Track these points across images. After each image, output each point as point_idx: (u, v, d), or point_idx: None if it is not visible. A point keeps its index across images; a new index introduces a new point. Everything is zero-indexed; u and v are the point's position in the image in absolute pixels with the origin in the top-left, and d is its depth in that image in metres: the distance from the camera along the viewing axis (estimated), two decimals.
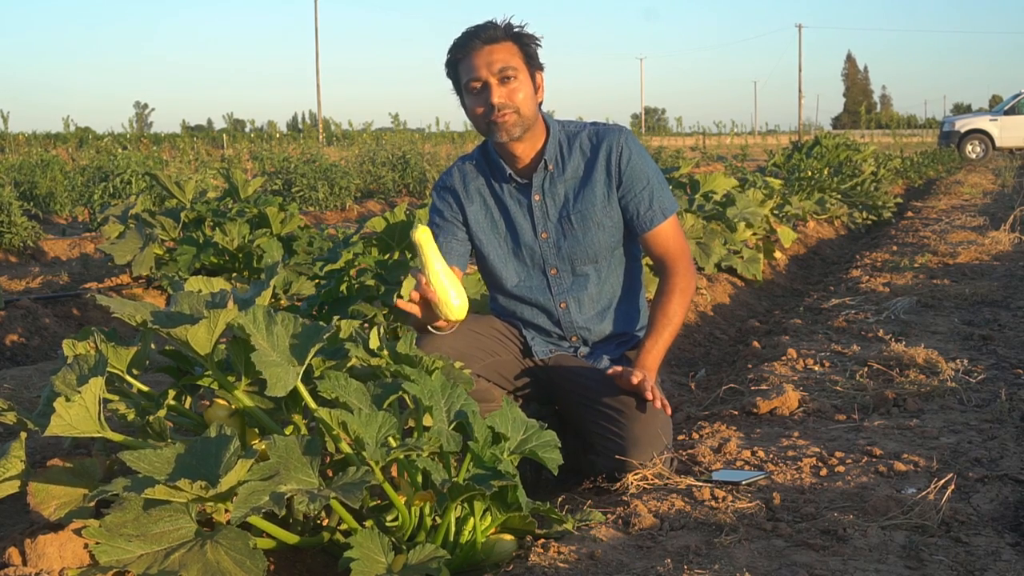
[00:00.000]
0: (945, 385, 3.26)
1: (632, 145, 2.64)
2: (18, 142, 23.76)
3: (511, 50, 2.53)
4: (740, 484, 2.42)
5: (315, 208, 12.93)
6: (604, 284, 2.69)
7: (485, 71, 2.51)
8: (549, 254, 2.67)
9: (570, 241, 2.64)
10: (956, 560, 1.97)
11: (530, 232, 2.67)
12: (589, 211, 2.62)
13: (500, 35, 2.53)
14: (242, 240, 5.66)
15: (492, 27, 2.53)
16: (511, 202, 2.68)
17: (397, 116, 27.64)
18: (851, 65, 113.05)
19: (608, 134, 2.65)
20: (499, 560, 2.07)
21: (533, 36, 2.59)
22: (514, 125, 2.55)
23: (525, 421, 2.18)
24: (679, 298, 2.64)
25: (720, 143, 41.40)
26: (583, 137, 2.67)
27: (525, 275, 2.69)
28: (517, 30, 2.55)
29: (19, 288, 6.35)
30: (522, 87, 2.53)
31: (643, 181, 2.63)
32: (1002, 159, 22.89)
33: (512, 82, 2.52)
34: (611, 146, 2.63)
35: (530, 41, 2.57)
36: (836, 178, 10.46)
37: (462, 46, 2.54)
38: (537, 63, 2.59)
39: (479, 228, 2.71)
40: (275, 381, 1.93)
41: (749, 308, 5.69)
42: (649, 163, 2.68)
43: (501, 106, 2.52)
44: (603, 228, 2.64)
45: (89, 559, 1.90)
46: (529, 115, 2.56)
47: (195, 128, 40.29)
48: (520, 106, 2.53)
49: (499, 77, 2.51)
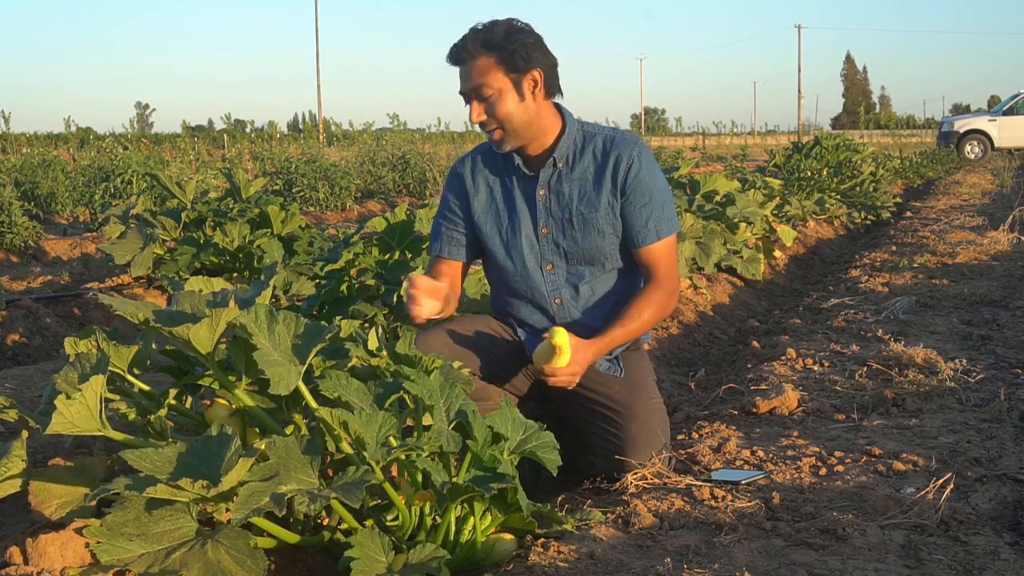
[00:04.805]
0: (944, 385, 3.27)
1: (643, 160, 2.60)
2: (19, 142, 23.75)
3: (486, 64, 2.48)
4: (740, 484, 2.43)
5: (315, 208, 12.94)
6: (600, 285, 2.68)
7: (465, 88, 2.52)
8: (547, 249, 2.67)
9: (569, 241, 2.64)
10: (955, 559, 1.97)
11: (531, 225, 2.66)
12: (591, 216, 2.61)
13: (475, 51, 2.48)
14: (242, 240, 5.66)
15: (468, 42, 2.49)
16: (517, 192, 2.67)
17: (397, 116, 27.61)
18: (850, 66, 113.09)
19: (622, 144, 2.61)
20: (499, 560, 2.08)
21: (519, 36, 2.49)
22: (501, 139, 2.56)
23: (524, 421, 2.19)
24: (651, 308, 2.60)
25: (720, 143, 41.41)
26: (597, 141, 2.63)
27: (522, 267, 2.69)
28: (495, 38, 2.47)
29: (20, 288, 6.36)
30: (503, 101, 2.50)
31: (645, 197, 2.60)
32: (1001, 159, 22.88)
33: (490, 98, 2.50)
34: (620, 156, 2.59)
35: (511, 45, 2.47)
36: (835, 178, 10.47)
37: (448, 58, 2.54)
38: (526, 65, 2.50)
39: (482, 216, 2.71)
40: (277, 380, 1.93)
41: (749, 308, 5.70)
42: (658, 181, 2.63)
43: (482, 124, 2.54)
44: (603, 235, 2.62)
45: (90, 558, 1.90)
46: (519, 124, 2.54)
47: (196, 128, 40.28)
48: (503, 121, 2.52)
49: (476, 95, 2.51)
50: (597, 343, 2.53)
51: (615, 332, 2.56)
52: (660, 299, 2.62)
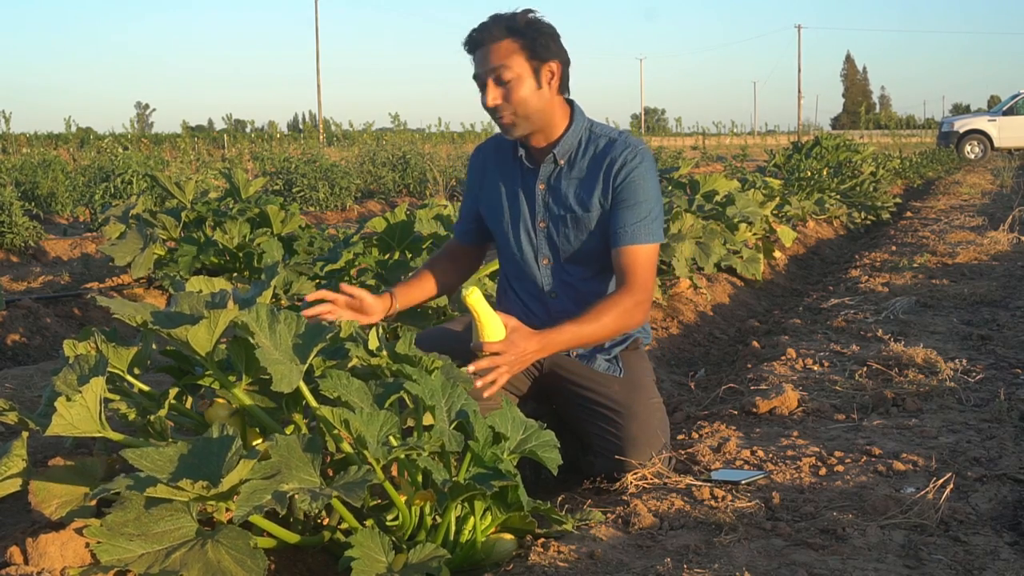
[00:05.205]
0: (944, 385, 3.27)
1: (639, 165, 2.55)
2: (20, 142, 23.74)
3: (509, 48, 2.48)
4: (739, 483, 2.43)
5: (316, 208, 12.94)
6: (595, 285, 2.67)
7: (483, 70, 2.50)
8: (543, 244, 2.67)
9: (562, 239, 2.64)
10: (955, 559, 1.97)
11: (529, 218, 2.67)
12: (584, 217, 2.60)
13: (499, 33, 2.48)
14: (243, 240, 5.66)
15: (491, 24, 2.50)
16: (520, 183, 2.68)
17: (397, 116, 27.57)
18: (850, 66, 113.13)
19: (622, 147, 2.57)
20: (499, 559, 2.08)
21: (540, 26, 2.50)
22: (512, 125, 2.54)
23: (524, 421, 2.19)
24: (614, 312, 2.47)
25: (720, 143, 41.41)
26: (600, 142, 2.60)
27: (521, 257, 2.70)
28: (521, 24, 2.48)
29: (20, 288, 6.35)
30: (520, 86, 2.49)
31: (631, 200, 2.54)
32: (1001, 159, 22.89)
33: (508, 82, 2.49)
34: (615, 158, 2.56)
35: (535, 33, 2.49)
36: (835, 178, 10.47)
37: (466, 42, 2.54)
38: (546, 55, 2.50)
39: (489, 204, 2.74)
40: (280, 378, 1.93)
41: (749, 308, 5.70)
42: (649, 189, 2.56)
43: (496, 108, 2.51)
44: (594, 237, 2.60)
45: (90, 558, 1.90)
46: (533, 112, 2.52)
47: (196, 128, 40.26)
48: (517, 106, 2.50)
49: (494, 77, 2.49)
50: (547, 335, 2.37)
51: (568, 328, 2.42)
52: (627, 305, 2.49)
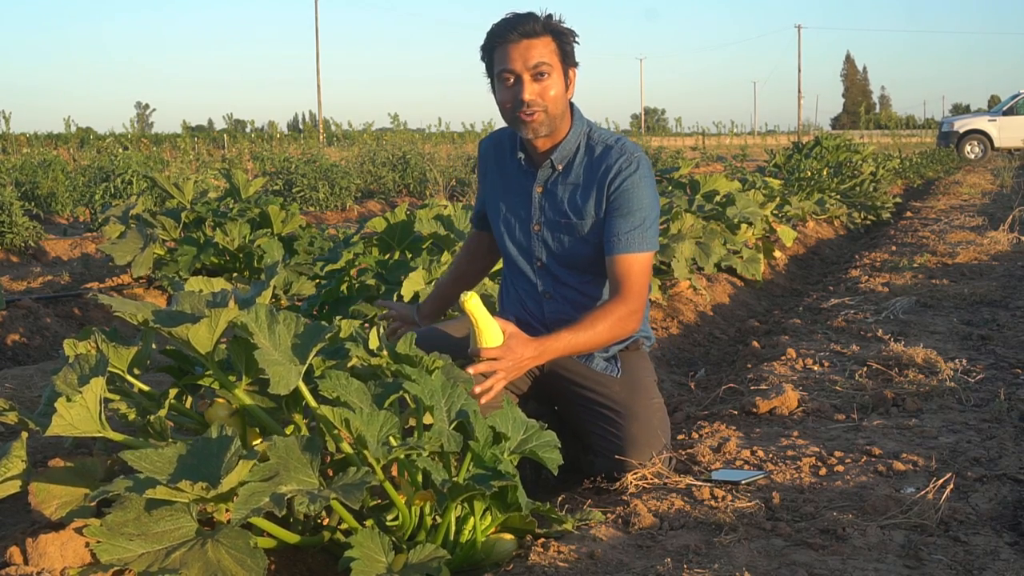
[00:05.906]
0: (944, 385, 3.27)
1: (636, 173, 2.53)
2: (20, 142, 23.73)
3: (548, 46, 2.48)
4: (739, 484, 2.43)
5: (316, 208, 12.93)
6: (589, 288, 2.66)
7: (519, 65, 2.47)
8: (537, 246, 2.67)
9: (556, 243, 2.64)
10: (955, 559, 1.97)
11: (526, 219, 2.67)
12: (577, 225, 2.59)
13: (539, 29, 2.47)
14: (243, 240, 5.67)
15: (532, 20, 2.48)
16: (517, 185, 2.68)
17: (397, 116, 27.54)
18: (850, 66, 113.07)
19: (617, 155, 2.55)
20: (499, 560, 2.08)
21: (571, 32, 2.54)
22: (540, 124, 2.52)
23: (525, 421, 2.19)
24: (608, 321, 2.48)
25: (720, 143, 41.40)
26: (597, 149, 2.59)
27: (516, 258, 2.71)
28: (556, 25, 2.50)
29: (21, 288, 6.36)
30: (554, 84, 2.49)
31: (626, 208, 2.52)
32: (1001, 159, 22.89)
33: (545, 79, 2.48)
34: (611, 165, 2.54)
35: (568, 37, 2.52)
36: (836, 179, 10.47)
37: (500, 35, 2.49)
38: (572, 60, 2.53)
39: (490, 198, 2.76)
40: (278, 379, 1.93)
41: (749, 308, 5.70)
42: (646, 197, 2.54)
43: (531, 103, 2.48)
44: (587, 244, 2.59)
45: (90, 558, 1.90)
46: (557, 113, 2.52)
47: (196, 128, 40.22)
48: (549, 104, 2.50)
49: (533, 73, 2.47)
50: (543, 342, 2.40)
51: (564, 335, 2.44)
52: (620, 314, 2.49)
